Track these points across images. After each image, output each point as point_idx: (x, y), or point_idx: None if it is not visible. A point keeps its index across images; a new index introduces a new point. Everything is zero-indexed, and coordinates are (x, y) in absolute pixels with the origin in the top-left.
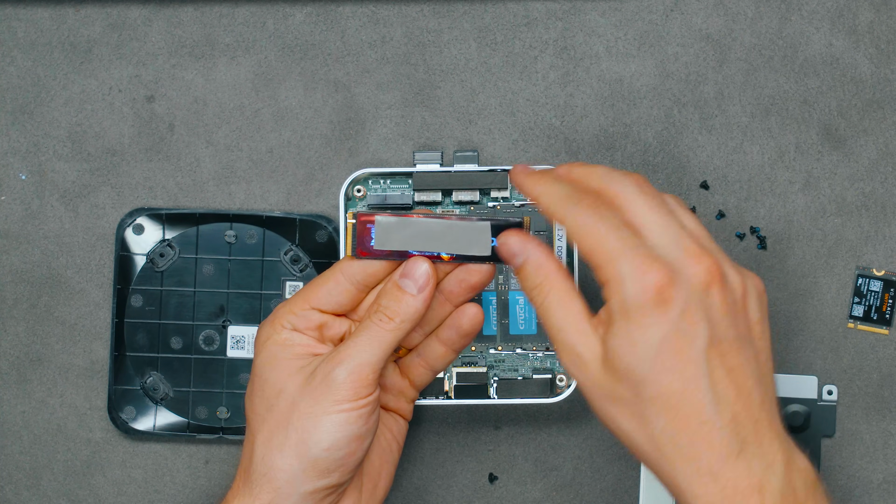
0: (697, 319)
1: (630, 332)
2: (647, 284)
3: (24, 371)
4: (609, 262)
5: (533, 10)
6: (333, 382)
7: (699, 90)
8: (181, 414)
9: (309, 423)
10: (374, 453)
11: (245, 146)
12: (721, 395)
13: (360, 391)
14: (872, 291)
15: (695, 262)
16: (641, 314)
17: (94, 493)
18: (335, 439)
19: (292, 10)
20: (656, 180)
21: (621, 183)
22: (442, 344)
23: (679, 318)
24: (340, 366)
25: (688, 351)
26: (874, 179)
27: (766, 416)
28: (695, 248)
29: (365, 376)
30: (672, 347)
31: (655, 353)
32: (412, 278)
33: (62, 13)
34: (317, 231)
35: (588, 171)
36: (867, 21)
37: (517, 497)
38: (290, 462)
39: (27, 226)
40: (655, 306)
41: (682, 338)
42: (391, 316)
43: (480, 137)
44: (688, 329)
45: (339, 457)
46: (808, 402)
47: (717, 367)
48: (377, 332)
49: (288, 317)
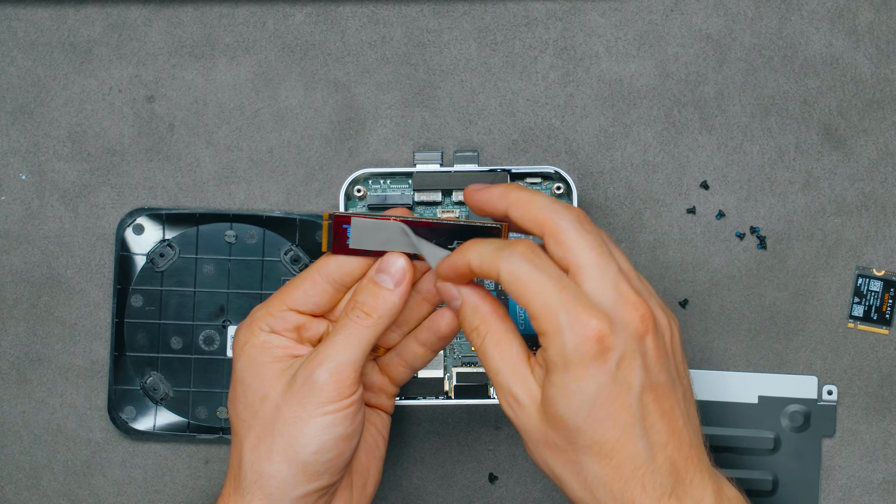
0: (634, 367)
1: (567, 384)
2: (586, 335)
3: (24, 371)
4: (546, 312)
5: (533, 10)
6: (315, 385)
7: (699, 90)
8: (181, 414)
9: (294, 427)
10: (361, 450)
11: (245, 146)
12: (654, 440)
13: (342, 391)
14: (872, 291)
15: (631, 309)
16: (580, 366)
17: (94, 493)
18: (322, 442)
19: (292, 10)
20: (656, 180)
21: (563, 217)
22: (420, 344)
23: (616, 368)
24: (321, 367)
25: (623, 398)
26: (874, 179)
27: (695, 454)
28: (631, 295)
29: (346, 376)
30: (608, 397)
31: (591, 404)
32: (389, 273)
33: (62, 13)
34: (317, 231)
35: (528, 197)
36: (867, 21)
37: (517, 497)
38: (280, 468)
39: (27, 226)
40: (594, 358)
41: (618, 386)
42: (368, 312)
43: (480, 137)
44: (624, 377)
45: (328, 459)
46: (808, 402)
47: (651, 411)
48: (355, 330)
49: (266, 319)
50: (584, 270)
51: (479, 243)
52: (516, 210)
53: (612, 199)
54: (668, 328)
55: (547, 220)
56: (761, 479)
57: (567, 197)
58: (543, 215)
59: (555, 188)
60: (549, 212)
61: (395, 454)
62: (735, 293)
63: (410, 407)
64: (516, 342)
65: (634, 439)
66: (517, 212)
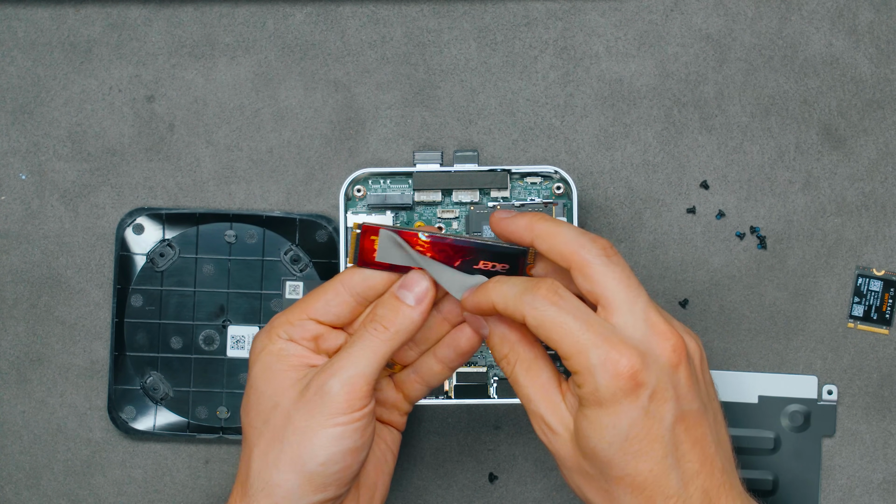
0: (667, 399)
1: (600, 419)
2: (619, 372)
3: (24, 371)
4: (578, 353)
5: (533, 10)
6: (327, 395)
7: (699, 90)
8: (181, 414)
9: (304, 437)
10: (370, 464)
11: (245, 146)
12: (686, 470)
13: (354, 403)
14: (872, 291)
15: (663, 340)
16: (613, 402)
17: (94, 493)
18: (331, 454)
19: (292, 10)
20: (656, 180)
21: (590, 251)
22: (438, 361)
23: (649, 402)
24: (334, 377)
25: (656, 431)
26: (874, 179)
27: (727, 480)
28: (662, 325)
29: (359, 388)
30: (640, 431)
31: (624, 439)
32: (411, 290)
33: (62, 13)
34: (317, 231)
35: (554, 231)
36: (867, 21)
37: (517, 497)
38: (287, 477)
39: (27, 226)
40: (626, 394)
41: (650, 420)
42: (387, 325)
43: (480, 137)
44: (657, 410)
45: (335, 471)
46: (808, 402)
47: (683, 441)
48: (371, 343)
49: (284, 326)
50: (613, 304)
51: (502, 284)
52: (542, 243)
53: (611, 199)
54: (698, 353)
55: (574, 255)
56: (761, 479)
57: (567, 197)
58: (570, 249)
59: (555, 188)
60: (575, 245)
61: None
62: (735, 293)
63: None
64: (547, 369)
65: (667, 471)
66: (543, 244)
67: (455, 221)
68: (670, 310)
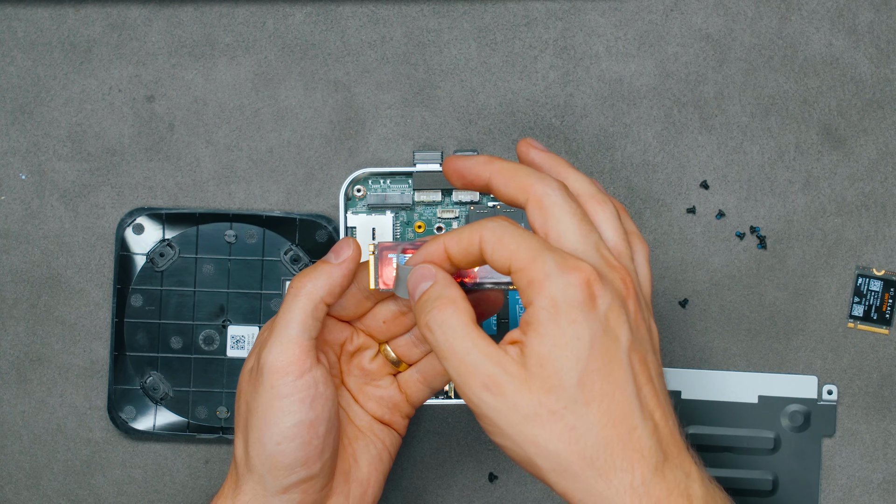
0: (621, 322)
1: (562, 331)
2: (576, 280)
3: (24, 371)
4: (532, 260)
5: (533, 10)
6: (264, 369)
7: (699, 90)
8: (181, 414)
9: (259, 419)
10: (364, 460)
11: (245, 146)
12: (644, 401)
13: (290, 371)
14: (872, 291)
15: (613, 270)
16: (572, 310)
17: (94, 493)
18: (283, 431)
19: (292, 10)
20: (656, 180)
21: (548, 184)
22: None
23: (605, 317)
24: (266, 350)
25: (615, 352)
26: (874, 179)
27: (676, 429)
28: (612, 259)
29: (292, 354)
30: (601, 347)
31: (588, 352)
32: (337, 252)
33: (62, 13)
34: (317, 231)
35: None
36: (867, 21)
37: (517, 497)
38: (255, 462)
39: (27, 226)
40: (585, 302)
41: (609, 338)
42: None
43: (480, 137)
44: (613, 329)
45: (295, 448)
46: (808, 402)
47: (638, 372)
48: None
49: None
50: (565, 235)
51: (451, 231)
52: (499, 177)
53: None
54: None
55: (533, 186)
56: (761, 479)
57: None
58: (529, 181)
59: None
60: (535, 178)
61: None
62: (735, 293)
63: None
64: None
65: (629, 398)
66: (500, 178)
67: (455, 221)
68: (670, 310)
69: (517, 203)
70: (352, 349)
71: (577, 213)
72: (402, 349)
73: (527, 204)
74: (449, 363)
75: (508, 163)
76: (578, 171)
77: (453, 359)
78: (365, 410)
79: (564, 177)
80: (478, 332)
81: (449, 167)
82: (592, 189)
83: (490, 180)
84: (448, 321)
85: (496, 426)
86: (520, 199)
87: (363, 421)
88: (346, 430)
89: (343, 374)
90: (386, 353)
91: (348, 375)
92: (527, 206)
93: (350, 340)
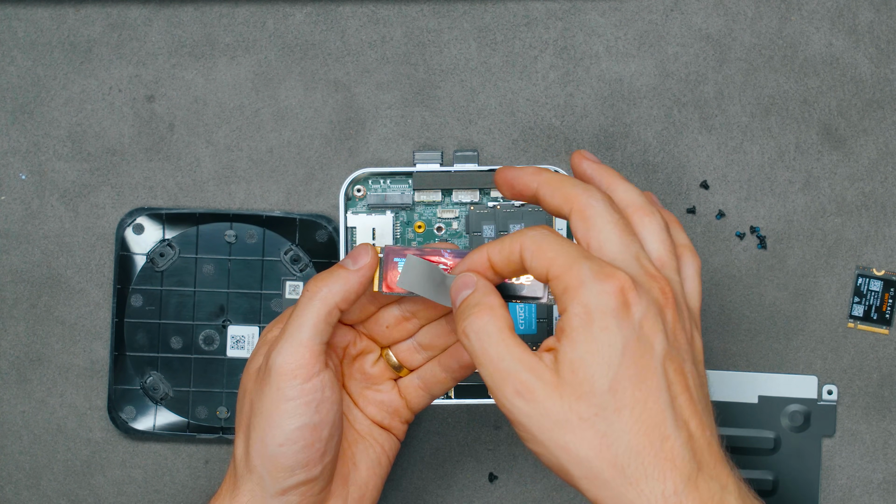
0: (657, 330)
1: (594, 338)
2: (610, 287)
3: (24, 371)
4: (568, 268)
5: (533, 10)
6: (273, 370)
7: (699, 90)
8: (181, 414)
9: (263, 420)
10: (363, 464)
11: (245, 146)
12: (679, 412)
13: (299, 374)
14: (872, 291)
15: (651, 280)
16: (604, 317)
17: (94, 493)
18: (286, 433)
19: (292, 10)
20: (656, 180)
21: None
22: (443, 370)
23: (640, 325)
24: (276, 352)
25: (648, 360)
26: (874, 179)
27: (714, 440)
28: (652, 269)
29: (302, 357)
30: (634, 354)
31: (620, 359)
32: (355, 259)
33: (62, 13)
34: (317, 231)
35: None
36: (867, 21)
37: (517, 497)
38: (256, 463)
39: (27, 226)
40: (618, 310)
41: (643, 346)
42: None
43: (480, 137)
44: (647, 338)
45: (297, 450)
46: (808, 402)
47: (674, 382)
48: (307, 308)
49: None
50: (606, 245)
51: (495, 240)
52: (546, 187)
53: None
54: (689, 318)
55: (578, 197)
56: (761, 479)
57: None
58: (575, 192)
59: None
60: (580, 189)
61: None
62: (735, 293)
63: None
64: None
65: (662, 406)
66: (547, 189)
67: (455, 221)
68: None
69: (562, 214)
70: (354, 353)
71: (618, 224)
72: (404, 354)
73: (570, 214)
74: (484, 369)
75: (555, 174)
76: (629, 182)
77: (488, 364)
78: (365, 414)
79: (613, 188)
80: (513, 338)
81: (500, 177)
82: (640, 200)
83: (537, 191)
84: (485, 328)
85: (529, 432)
86: (564, 210)
87: (363, 425)
88: (346, 434)
89: (344, 377)
90: (388, 357)
91: (349, 379)
92: (570, 217)
93: (353, 344)
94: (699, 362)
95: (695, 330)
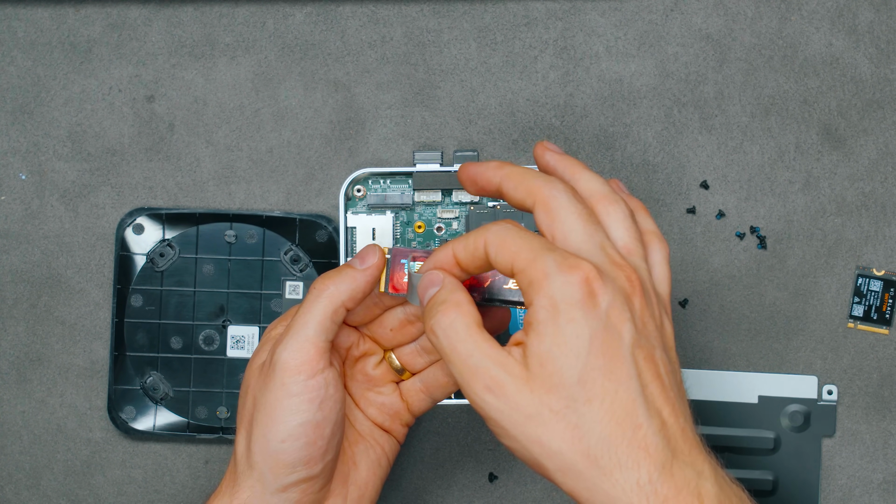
0: (624, 319)
1: (561, 330)
2: (575, 278)
3: (24, 371)
4: (532, 261)
5: (533, 10)
6: (277, 366)
7: (699, 90)
8: (181, 414)
9: (266, 416)
10: (363, 464)
11: (245, 146)
12: (651, 400)
13: (303, 370)
14: (872, 291)
15: (617, 269)
16: (570, 308)
17: (94, 493)
18: (289, 429)
19: (292, 10)
20: (656, 180)
21: (556, 187)
22: (445, 374)
23: (607, 315)
24: (282, 347)
25: (617, 349)
26: (874, 179)
27: (688, 426)
28: (618, 258)
29: (307, 353)
30: (602, 344)
31: (588, 350)
32: (360, 258)
33: (62, 13)
34: (317, 231)
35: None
36: (867, 21)
37: (517, 497)
38: (257, 459)
39: (27, 226)
40: (584, 300)
41: (611, 335)
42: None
43: (480, 137)
44: (615, 326)
45: (298, 447)
46: (808, 402)
47: (644, 369)
48: (314, 304)
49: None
50: (570, 235)
51: (460, 236)
52: (509, 181)
53: None
54: (658, 306)
55: (540, 189)
56: (761, 479)
57: None
58: (537, 184)
59: None
60: (542, 181)
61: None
62: (735, 293)
63: None
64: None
65: (633, 395)
66: (510, 182)
67: (455, 221)
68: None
69: (526, 207)
70: (357, 354)
71: (582, 214)
72: (407, 357)
73: (534, 207)
74: (453, 366)
75: (517, 167)
76: (592, 171)
77: (457, 361)
78: (365, 415)
79: (577, 178)
80: (482, 334)
81: (463, 174)
82: (604, 189)
83: (500, 185)
84: (452, 324)
85: (501, 427)
86: (528, 203)
87: (363, 426)
88: (347, 434)
89: (346, 378)
90: (390, 360)
91: (351, 380)
92: (534, 210)
93: (356, 345)
94: (670, 349)
95: (665, 316)
